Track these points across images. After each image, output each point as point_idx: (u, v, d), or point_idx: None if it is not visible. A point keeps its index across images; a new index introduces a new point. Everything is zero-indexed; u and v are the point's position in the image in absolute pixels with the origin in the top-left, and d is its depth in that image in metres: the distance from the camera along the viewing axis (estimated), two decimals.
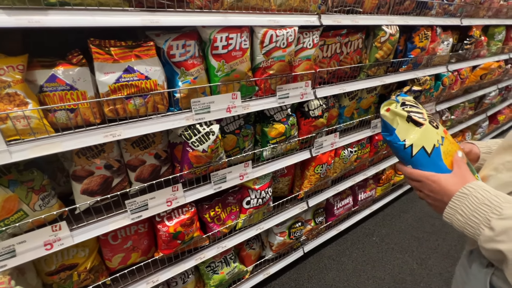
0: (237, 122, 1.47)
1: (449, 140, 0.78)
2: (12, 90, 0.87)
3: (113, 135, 1.04)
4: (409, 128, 0.75)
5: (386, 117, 0.81)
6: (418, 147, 0.73)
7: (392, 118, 0.79)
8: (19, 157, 0.89)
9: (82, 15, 0.88)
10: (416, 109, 0.81)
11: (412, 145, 0.73)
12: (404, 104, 0.83)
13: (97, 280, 1.32)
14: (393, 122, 0.78)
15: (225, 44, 1.18)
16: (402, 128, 0.76)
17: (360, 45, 1.78)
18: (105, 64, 0.99)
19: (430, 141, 0.73)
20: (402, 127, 0.76)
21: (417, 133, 0.74)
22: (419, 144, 0.73)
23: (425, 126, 0.74)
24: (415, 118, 0.75)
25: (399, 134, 0.75)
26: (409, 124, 0.75)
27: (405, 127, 0.75)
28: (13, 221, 1.01)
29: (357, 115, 2.13)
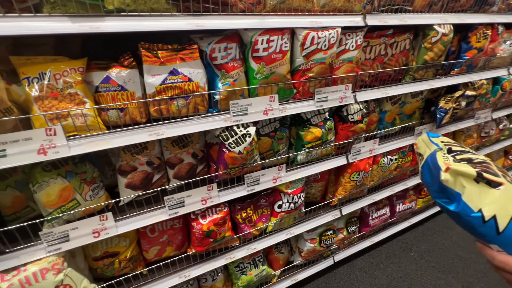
0: (273, 124, 1.46)
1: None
2: (73, 90, 0.96)
3: (157, 134, 1.09)
4: (481, 191, 0.54)
5: (449, 183, 0.57)
6: (506, 218, 0.51)
7: (454, 180, 0.57)
8: (76, 151, 0.97)
9: (135, 20, 0.93)
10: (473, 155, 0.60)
11: (495, 217, 0.51)
12: (451, 150, 0.62)
13: (135, 269, 1.40)
14: (455, 185, 0.56)
15: (266, 47, 1.18)
16: (472, 193, 0.54)
17: (407, 46, 1.66)
18: (153, 67, 1.04)
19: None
20: (472, 191, 0.54)
21: (498, 197, 0.52)
22: (507, 214, 0.51)
23: (505, 186, 0.53)
24: (487, 177, 0.53)
25: (470, 201, 0.54)
26: (479, 185, 0.54)
27: (475, 191, 0.54)
28: (68, 208, 1.11)
29: (399, 120, 1.99)
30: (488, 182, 0.53)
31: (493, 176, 0.54)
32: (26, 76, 0.91)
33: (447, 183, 0.57)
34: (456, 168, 0.56)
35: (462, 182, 0.55)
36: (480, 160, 0.59)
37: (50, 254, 1.07)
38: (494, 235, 0.51)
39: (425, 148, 0.70)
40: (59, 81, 0.94)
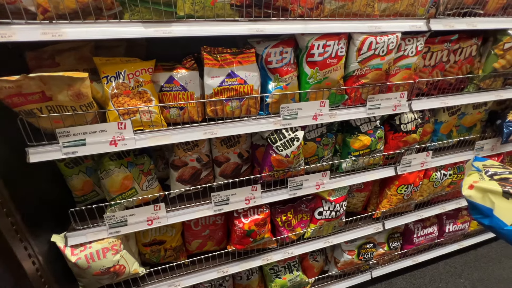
0: (319, 130, 1.44)
1: None
2: (143, 89, 1.05)
3: (211, 133, 1.14)
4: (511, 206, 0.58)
5: (473, 198, 0.63)
6: None
7: (482, 196, 0.62)
8: (141, 144, 1.07)
9: (202, 25, 0.99)
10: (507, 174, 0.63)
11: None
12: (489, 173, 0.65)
13: (178, 259, 1.49)
14: (485, 201, 0.61)
15: (322, 52, 1.17)
16: (503, 208, 0.58)
17: (473, 52, 1.52)
18: (213, 69, 1.10)
19: None
20: (502, 207, 0.58)
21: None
22: None
23: None
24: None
25: (502, 216, 0.58)
26: (509, 201, 0.58)
27: (506, 206, 0.58)
28: (127, 196, 1.21)
29: (456, 133, 1.82)
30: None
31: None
32: (106, 75, 1.02)
33: (471, 198, 0.64)
34: (482, 185, 0.62)
35: (491, 199, 0.61)
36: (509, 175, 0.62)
37: (110, 235, 1.19)
38: None
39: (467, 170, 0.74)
40: (131, 80, 1.04)
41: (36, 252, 1.04)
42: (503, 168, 0.67)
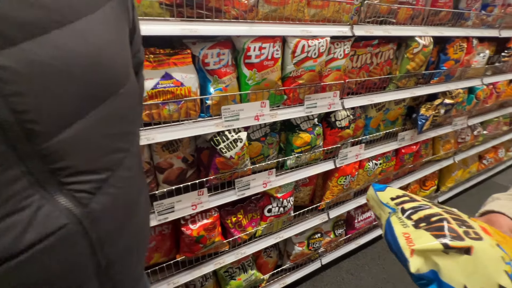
0: (263, 129, 1.48)
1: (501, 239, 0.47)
2: None
3: (148, 139, 1.07)
4: (456, 263, 0.44)
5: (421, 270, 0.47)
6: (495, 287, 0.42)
7: (425, 261, 0.46)
8: None
9: None
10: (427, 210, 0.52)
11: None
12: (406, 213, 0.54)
13: None
14: (428, 265, 0.46)
15: (258, 54, 1.20)
16: (448, 268, 0.44)
17: (391, 56, 1.74)
18: (145, 71, 1.03)
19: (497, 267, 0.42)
20: (447, 267, 0.44)
21: (470, 265, 0.43)
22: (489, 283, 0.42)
23: (475, 249, 0.44)
24: (455, 245, 0.44)
25: (450, 280, 0.43)
26: (450, 256, 0.44)
27: (450, 265, 0.44)
28: None
29: (383, 126, 2.07)
30: (459, 249, 0.44)
31: (458, 242, 0.45)
32: None
33: (420, 271, 0.47)
34: (421, 248, 0.47)
35: (433, 259, 0.45)
36: (435, 214, 0.51)
37: None
38: None
39: (379, 209, 0.61)
40: None
41: None
42: (412, 200, 0.56)
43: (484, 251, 0.43)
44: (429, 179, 2.80)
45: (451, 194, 3.09)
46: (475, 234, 0.46)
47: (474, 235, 0.46)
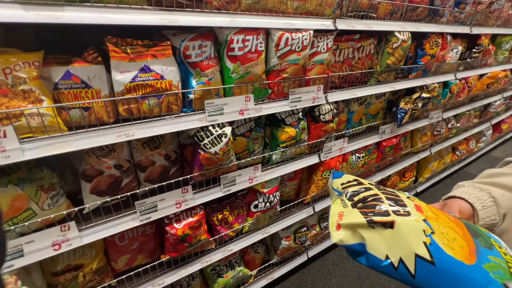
0: (248, 124, 1.46)
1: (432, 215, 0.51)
2: (28, 87, 0.86)
3: (127, 135, 1.02)
4: (380, 236, 0.49)
5: (345, 241, 0.52)
6: (411, 258, 0.46)
7: (352, 233, 0.52)
8: (32, 155, 0.87)
9: (101, 12, 0.86)
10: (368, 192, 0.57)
11: (402, 260, 0.46)
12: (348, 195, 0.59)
13: (103, 282, 1.30)
14: (355, 238, 0.51)
15: (241, 46, 1.17)
16: (373, 240, 0.49)
17: (372, 50, 1.77)
18: (121, 63, 0.97)
19: (417, 239, 0.46)
20: (372, 239, 0.49)
21: (393, 237, 0.48)
22: (407, 253, 0.46)
23: (396, 223, 0.48)
24: (378, 220, 0.49)
25: (375, 251, 0.49)
26: (376, 230, 0.49)
27: (374, 238, 0.49)
28: (21, 220, 0.98)
29: (365, 120, 2.11)
30: (382, 224, 0.49)
31: (383, 217, 0.49)
32: None
33: (343, 242, 0.52)
34: (347, 221, 0.52)
35: (360, 233, 0.50)
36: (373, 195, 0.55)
37: None
38: (411, 279, 0.46)
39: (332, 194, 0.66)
40: (9, 76, 0.83)
41: None
42: (358, 184, 0.61)
43: (407, 225, 0.48)
44: (408, 170, 2.92)
45: (428, 185, 3.24)
46: (405, 211, 0.50)
47: (403, 212, 0.50)
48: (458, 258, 0.45)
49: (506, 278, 0.44)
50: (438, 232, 0.47)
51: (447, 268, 0.44)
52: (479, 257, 0.46)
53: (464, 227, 0.51)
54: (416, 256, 0.45)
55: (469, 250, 0.47)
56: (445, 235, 0.47)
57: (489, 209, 0.65)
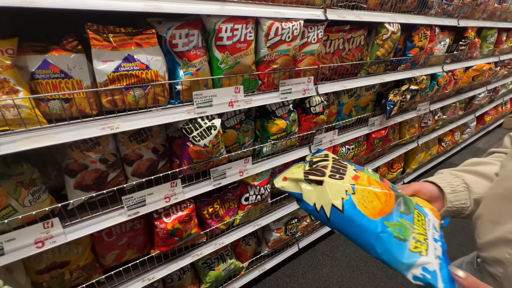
0: (238, 116, 1.43)
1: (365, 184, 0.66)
2: (1, 76, 0.80)
3: (111, 128, 0.98)
4: (313, 189, 0.66)
5: (285, 188, 0.71)
6: (328, 207, 0.62)
7: (295, 185, 0.69)
8: (8, 149, 0.82)
9: None
10: (323, 163, 0.72)
11: (322, 207, 0.63)
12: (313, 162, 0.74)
13: (90, 278, 1.27)
14: (297, 189, 0.69)
15: (230, 35, 1.13)
16: (308, 192, 0.66)
17: (362, 42, 1.76)
18: (104, 52, 0.92)
19: (338, 195, 0.62)
20: (307, 191, 0.66)
21: (320, 192, 0.64)
22: (327, 203, 0.62)
23: (325, 182, 0.64)
24: (312, 178, 0.66)
25: (308, 199, 0.66)
26: (312, 185, 0.66)
27: (309, 190, 0.66)
28: (0, 217, 0.94)
29: (355, 112, 2.13)
30: (315, 181, 0.66)
31: (316, 176, 0.66)
32: None
33: (284, 188, 0.71)
34: (292, 177, 0.70)
35: (301, 186, 0.67)
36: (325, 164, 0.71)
37: None
38: (327, 221, 0.63)
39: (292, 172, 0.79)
40: None
41: None
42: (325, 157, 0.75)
43: (333, 185, 0.64)
44: (396, 162, 2.98)
45: (415, 175, 3.32)
46: (339, 177, 0.66)
47: (338, 177, 0.66)
48: (364, 212, 0.59)
49: (403, 235, 0.57)
50: (359, 194, 0.62)
51: (352, 217, 0.59)
52: (387, 217, 0.59)
53: (390, 197, 0.64)
54: (332, 205, 0.61)
55: (381, 211, 0.60)
56: (364, 198, 0.62)
57: (459, 194, 0.73)
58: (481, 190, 0.73)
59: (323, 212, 0.62)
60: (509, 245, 0.59)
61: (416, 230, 0.59)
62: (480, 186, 0.73)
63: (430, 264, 0.54)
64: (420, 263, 0.54)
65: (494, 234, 0.63)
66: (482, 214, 0.69)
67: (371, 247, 0.57)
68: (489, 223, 0.65)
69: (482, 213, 0.69)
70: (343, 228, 0.61)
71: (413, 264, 0.54)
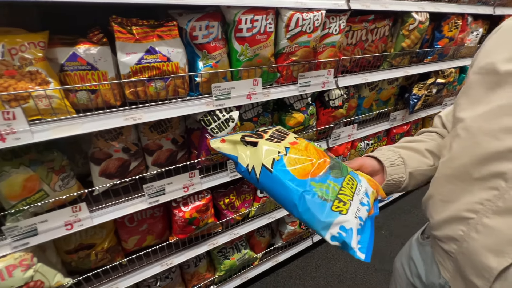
0: (256, 109, 1.43)
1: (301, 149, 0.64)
2: (34, 68, 0.85)
3: (134, 119, 1.01)
4: (247, 151, 0.65)
5: (221, 149, 0.69)
6: (258, 167, 0.60)
7: (232, 148, 0.67)
8: (41, 137, 0.88)
9: None
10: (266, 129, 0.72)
11: (254, 167, 0.61)
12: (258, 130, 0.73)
13: (114, 260, 1.35)
14: (233, 151, 0.67)
15: (250, 27, 1.12)
16: (242, 154, 0.65)
17: (386, 32, 1.68)
18: (127, 44, 0.95)
19: (270, 155, 0.60)
20: (242, 153, 0.65)
21: (254, 153, 0.63)
22: (258, 163, 0.60)
23: (259, 143, 0.63)
24: (248, 139, 0.64)
25: (242, 161, 0.64)
26: (247, 147, 0.65)
27: (244, 152, 0.65)
28: (34, 200, 1.01)
29: (376, 106, 2.06)
30: (251, 143, 0.64)
31: (253, 138, 0.65)
32: None
33: (220, 149, 0.69)
34: (229, 138, 0.69)
35: (237, 149, 0.66)
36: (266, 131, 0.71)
37: (16, 250, 0.98)
38: (256, 182, 0.61)
39: None
40: (15, 57, 0.83)
41: None
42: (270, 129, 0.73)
43: (266, 146, 0.62)
44: None
45: None
46: (278, 141, 0.65)
47: (276, 140, 0.65)
48: (293, 172, 0.57)
49: (328, 196, 0.55)
50: (291, 156, 0.60)
51: (279, 176, 0.57)
52: (316, 178, 0.58)
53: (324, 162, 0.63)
54: (262, 165, 0.59)
55: (311, 173, 0.58)
56: (296, 160, 0.60)
57: (397, 167, 0.76)
58: (414, 164, 0.77)
59: (254, 173, 0.60)
60: (462, 222, 0.61)
61: (343, 192, 0.57)
62: (413, 160, 0.78)
63: (347, 222, 0.52)
64: (338, 222, 0.52)
65: (446, 212, 0.65)
66: (433, 194, 0.70)
67: (293, 206, 0.55)
68: (441, 202, 0.67)
69: (433, 193, 0.70)
70: (271, 188, 0.58)
71: (331, 222, 0.52)
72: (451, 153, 0.65)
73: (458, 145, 0.63)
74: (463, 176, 0.61)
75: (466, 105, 0.63)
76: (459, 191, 0.62)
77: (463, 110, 0.63)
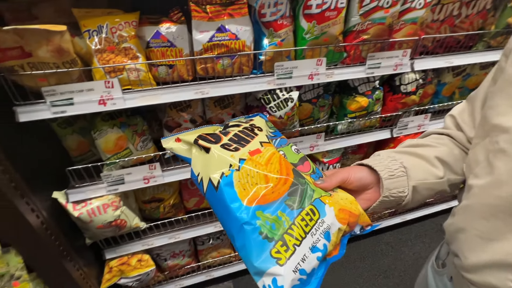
0: (316, 90, 1.40)
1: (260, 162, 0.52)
2: (128, 45, 1.00)
3: (202, 93, 1.11)
4: (200, 156, 0.53)
5: (175, 150, 0.57)
6: (206, 179, 0.51)
7: (187, 149, 0.56)
8: (131, 104, 1.05)
9: None
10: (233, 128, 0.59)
11: (202, 179, 0.51)
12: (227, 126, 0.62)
13: (177, 215, 1.57)
14: (188, 153, 0.56)
15: (320, 3, 1.07)
16: (195, 158, 0.54)
17: (488, 6, 1.39)
18: (201, 22, 1.02)
19: (219, 168, 0.50)
20: (196, 157, 0.54)
21: (205, 160, 0.52)
22: (206, 175, 0.51)
23: (211, 150, 0.52)
24: (201, 143, 0.53)
25: (194, 166, 0.54)
26: (201, 152, 0.53)
27: (197, 157, 0.54)
28: (123, 156, 1.23)
29: (458, 95, 1.77)
30: (204, 148, 0.53)
31: (206, 142, 0.53)
32: (87, 29, 0.96)
33: (173, 150, 0.58)
34: (184, 138, 0.57)
35: (192, 150, 0.55)
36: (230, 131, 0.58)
37: (109, 193, 1.24)
38: (204, 195, 0.53)
39: None
40: (115, 35, 0.98)
41: (39, 207, 1.10)
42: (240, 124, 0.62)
43: (219, 155, 0.51)
44: None
45: None
46: (236, 148, 0.53)
47: (234, 147, 0.53)
48: (239, 195, 0.48)
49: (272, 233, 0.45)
50: (244, 173, 0.50)
51: (223, 197, 0.48)
52: (265, 206, 0.48)
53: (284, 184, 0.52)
54: (209, 179, 0.50)
55: (262, 198, 0.48)
56: (250, 178, 0.50)
57: (397, 180, 0.59)
58: (420, 175, 0.61)
59: (202, 185, 0.52)
60: (510, 270, 0.47)
61: (291, 232, 0.47)
62: (418, 170, 0.61)
63: (281, 277, 0.43)
64: (271, 272, 0.43)
65: (488, 254, 0.50)
66: (467, 228, 0.54)
67: (231, 237, 0.47)
68: (480, 240, 0.51)
69: (466, 227, 0.54)
70: (215, 207, 0.50)
71: (264, 271, 0.43)
72: (495, 176, 0.48)
73: (505, 166, 0.47)
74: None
75: (509, 107, 0.47)
76: (508, 228, 0.47)
77: (504, 115, 0.47)
